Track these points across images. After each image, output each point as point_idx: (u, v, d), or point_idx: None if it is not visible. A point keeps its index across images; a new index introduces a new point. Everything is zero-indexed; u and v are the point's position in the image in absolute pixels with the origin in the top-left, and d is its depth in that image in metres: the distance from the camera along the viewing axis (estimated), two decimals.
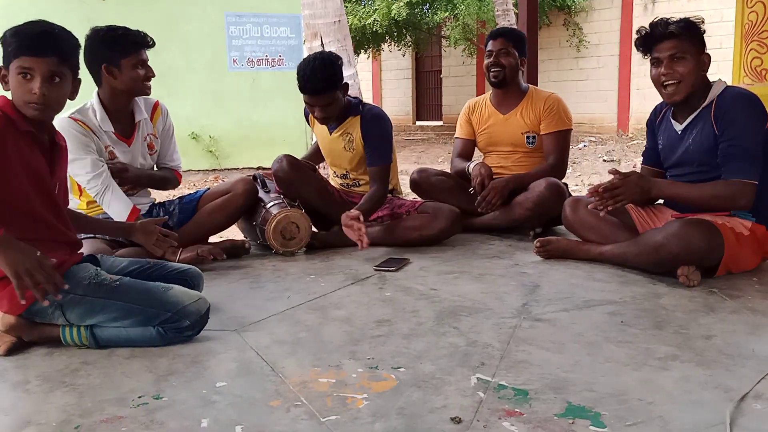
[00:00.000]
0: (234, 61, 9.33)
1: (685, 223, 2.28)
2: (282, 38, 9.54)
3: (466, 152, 3.43)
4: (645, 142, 2.76)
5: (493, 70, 3.22)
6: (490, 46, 3.24)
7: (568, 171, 3.56)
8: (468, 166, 3.24)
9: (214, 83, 9.12)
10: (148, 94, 2.63)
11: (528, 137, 3.25)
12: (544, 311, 2.07)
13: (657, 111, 2.61)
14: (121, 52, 2.48)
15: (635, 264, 2.44)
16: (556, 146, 3.19)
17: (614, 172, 2.34)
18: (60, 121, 2.48)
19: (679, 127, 2.44)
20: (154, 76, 2.57)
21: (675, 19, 2.34)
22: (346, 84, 2.97)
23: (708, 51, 2.35)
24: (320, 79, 2.81)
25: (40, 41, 1.74)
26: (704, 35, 2.35)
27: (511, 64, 3.20)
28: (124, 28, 2.51)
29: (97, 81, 2.54)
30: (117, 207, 2.52)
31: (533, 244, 2.74)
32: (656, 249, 2.30)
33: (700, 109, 2.35)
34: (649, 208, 2.66)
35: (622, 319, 1.98)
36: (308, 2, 6.35)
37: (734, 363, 1.65)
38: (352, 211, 2.78)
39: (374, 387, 1.56)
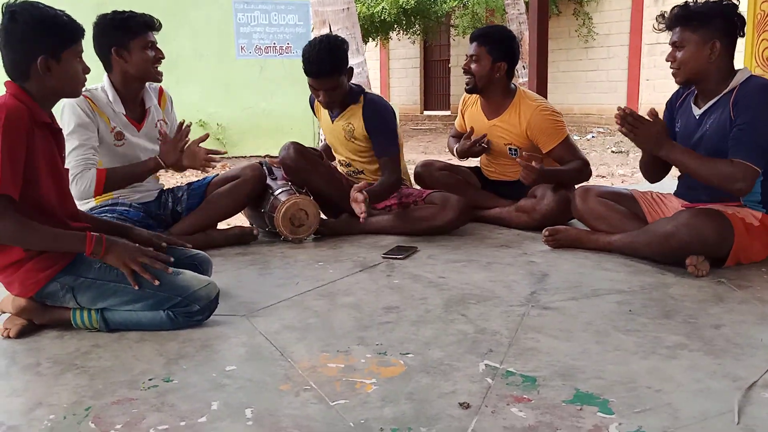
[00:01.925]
0: (242, 48, 9.32)
1: (696, 213, 2.27)
2: (290, 26, 9.51)
3: (459, 137, 3.41)
4: None
5: (465, 76, 3.09)
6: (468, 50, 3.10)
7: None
8: (454, 148, 3.27)
9: (222, 71, 9.12)
10: (160, 80, 2.63)
11: (510, 149, 3.13)
12: (553, 300, 2.07)
13: (679, 93, 2.60)
14: (129, 34, 2.47)
15: (644, 253, 2.43)
16: (568, 153, 3.02)
17: (652, 112, 2.31)
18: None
19: (697, 111, 2.43)
20: (163, 57, 2.56)
21: (684, 6, 2.34)
22: (351, 68, 2.94)
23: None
24: (325, 62, 2.80)
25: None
26: (724, 20, 2.30)
27: (480, 72, 3.01)
28: (130, 11, 2.51)
29: (107, 66, 2.54)
30: (81, 191, 2.45)
31: (542, 234, 2.74)
32: (666, 238, 2.29)
33: (721, 95, 2.34)
34: (658, 198, 2.65)
35: (631, 308, 1.98)
36: None
37: (743, 352, 1.65)
38: (361, 190, 2.78)
39: (383, 372, 1.56)
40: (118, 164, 2.60)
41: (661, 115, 2.41)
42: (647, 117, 2.31)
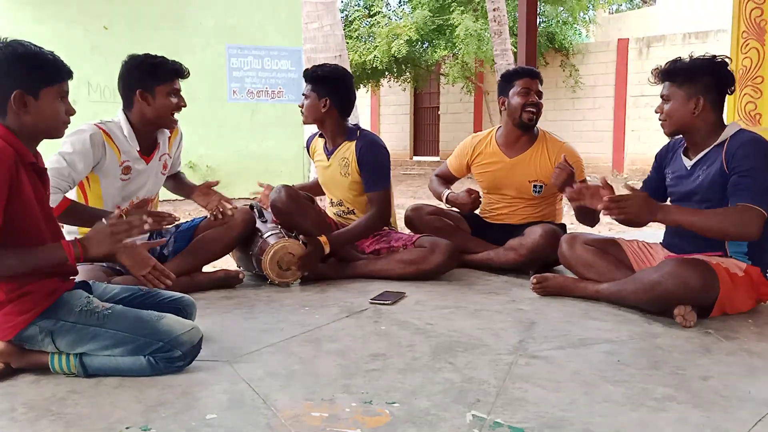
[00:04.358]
0: (234, 92, 9.43)
1: (681, 262, 2.28)
2: (282, 71, 9.66)
3: (448, 178, 3.45)
4: (642, 180, 2.78)
5: (529, 110, 3.11)
6: (526, 84, 3.11)
7: (564, 210, 3.57)
8: (444, 194, 3.27)
9: (214, 113, 9.19)
10: (172, 129, 2.71)
11: (535, 186, 3.17)
12: (541, 348, 2.05)
13: (669, 146, 2.64)
14: (157, 79, 2.53)
15: (631, 301, 2.43)
16: None
17: (629, 187, 2.31)
18: (87, 124, 2.51)
19: (688, 163, 2.47)
20: (185, 106, 2.63)
21: (673, 61, 2.41)
22: (335, 103, 2.99)
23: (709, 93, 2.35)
24: (317, 70, 3.02)
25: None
26: (711, 77, 2.35)
27: (541, 107, 3.16)
28: (162, 57, 2.57)
29: (128, 104, 2.59)
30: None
31: (530, 281, 2.73)
32: (652, 286, 2.30)
33: (711, 147, 2.38)
34: (644, 246, 2.66)
35: (619, 359, 1.96)
36: (310, 37, 6.45)
37: (731, 405, 1.63)
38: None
39: (368, 422, 1.53)
40: (119, 196, 2.62)
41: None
42: (626, 190, 2.29)
